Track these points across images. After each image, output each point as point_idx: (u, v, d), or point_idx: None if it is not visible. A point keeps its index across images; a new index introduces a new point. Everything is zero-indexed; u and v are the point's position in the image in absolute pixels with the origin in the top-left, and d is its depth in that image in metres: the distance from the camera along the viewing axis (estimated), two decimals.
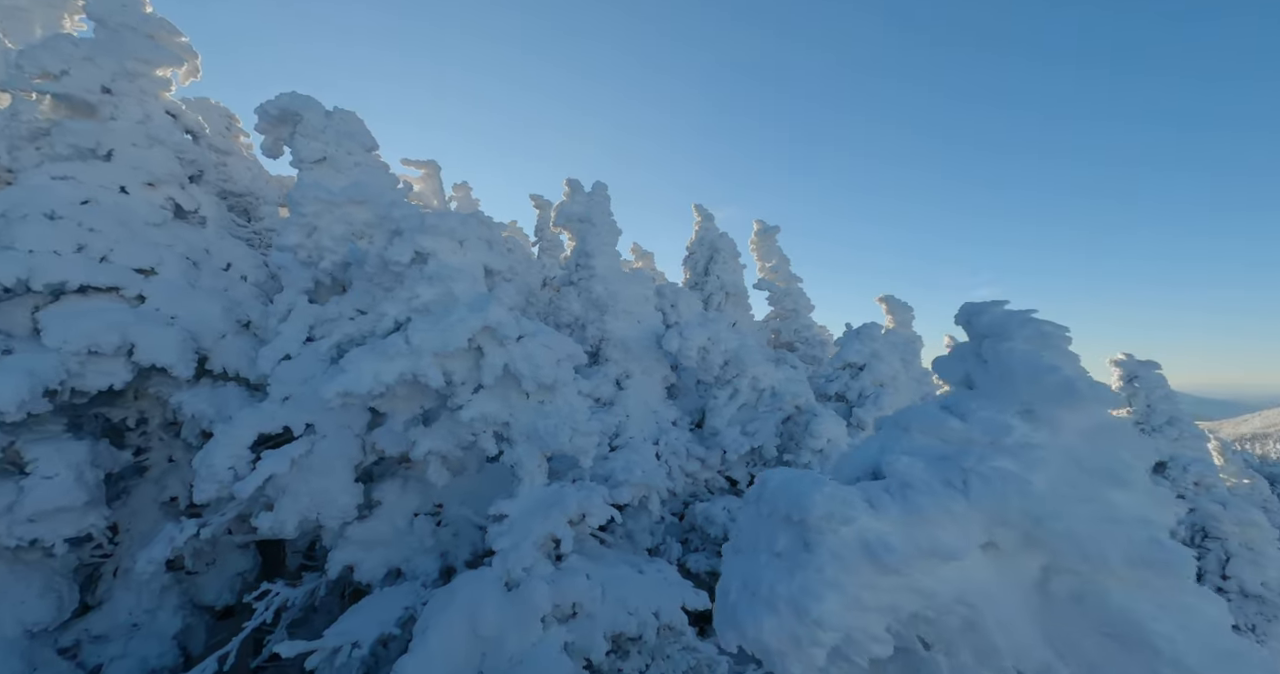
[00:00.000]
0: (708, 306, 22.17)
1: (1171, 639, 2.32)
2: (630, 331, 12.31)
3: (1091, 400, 2.77)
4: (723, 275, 22.47)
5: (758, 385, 12.35)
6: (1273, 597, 9.96)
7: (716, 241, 22.77)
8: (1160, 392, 22.55)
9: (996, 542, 2.77)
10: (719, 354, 12.13)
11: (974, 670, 2.62)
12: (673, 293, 13.77)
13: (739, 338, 12.59)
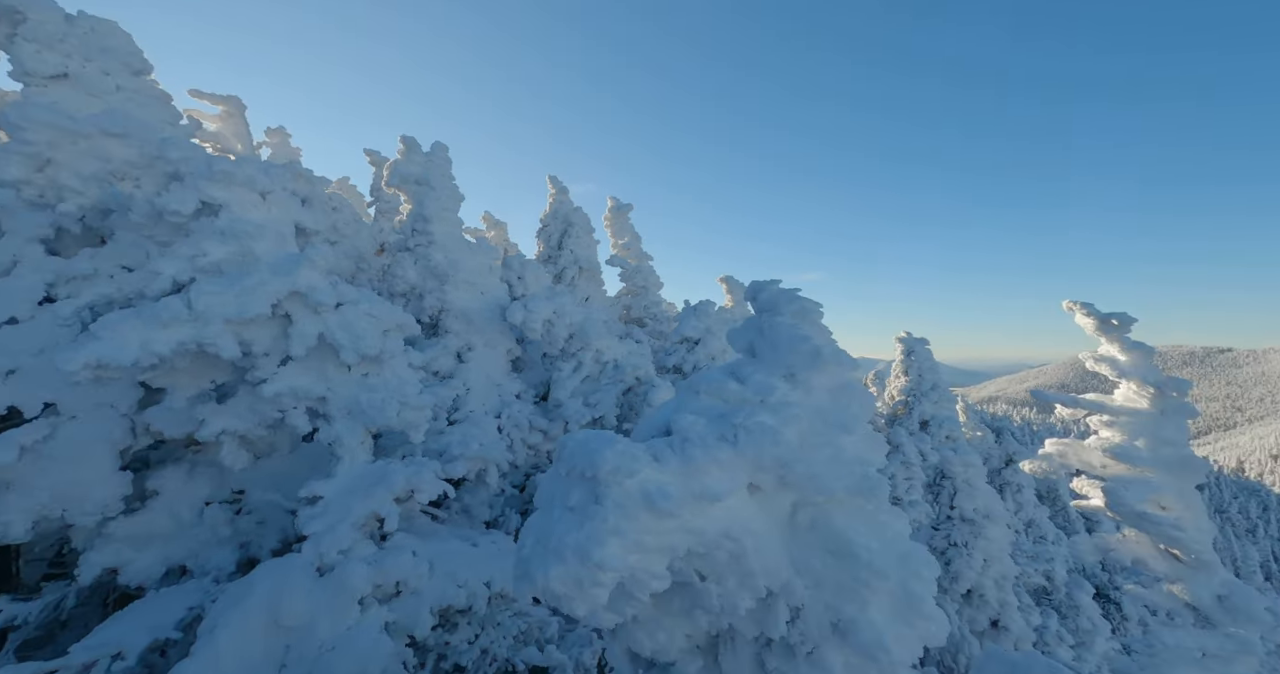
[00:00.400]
0: (561, 281, 22.13)
1: (869, 548, 2.99)
2: (473, 303, 11.87)
3: (834, 365, 3.39)
4: (577, 250, 22.52)
5: (601, 358, 12.75)
6: (980, 519, 13.16)
7: (571, 216, 22.68)
8: (928, 363, 27.62)
9: (759, 484, 3.29)
10: (564, 327, 12.26)
11: (736, 593, 3.12)
12: (519, 264, 13.51)
13: (584, 312, 12.82)
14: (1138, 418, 9.53)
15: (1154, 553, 9.31)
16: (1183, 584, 8.89)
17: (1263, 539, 62.66)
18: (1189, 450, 9.16)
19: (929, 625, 2.92)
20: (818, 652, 2.98)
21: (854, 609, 2.95)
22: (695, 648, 3.55)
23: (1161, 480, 9.16)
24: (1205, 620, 8.65)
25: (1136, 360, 9.49)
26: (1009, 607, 12.64)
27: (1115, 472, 9.65)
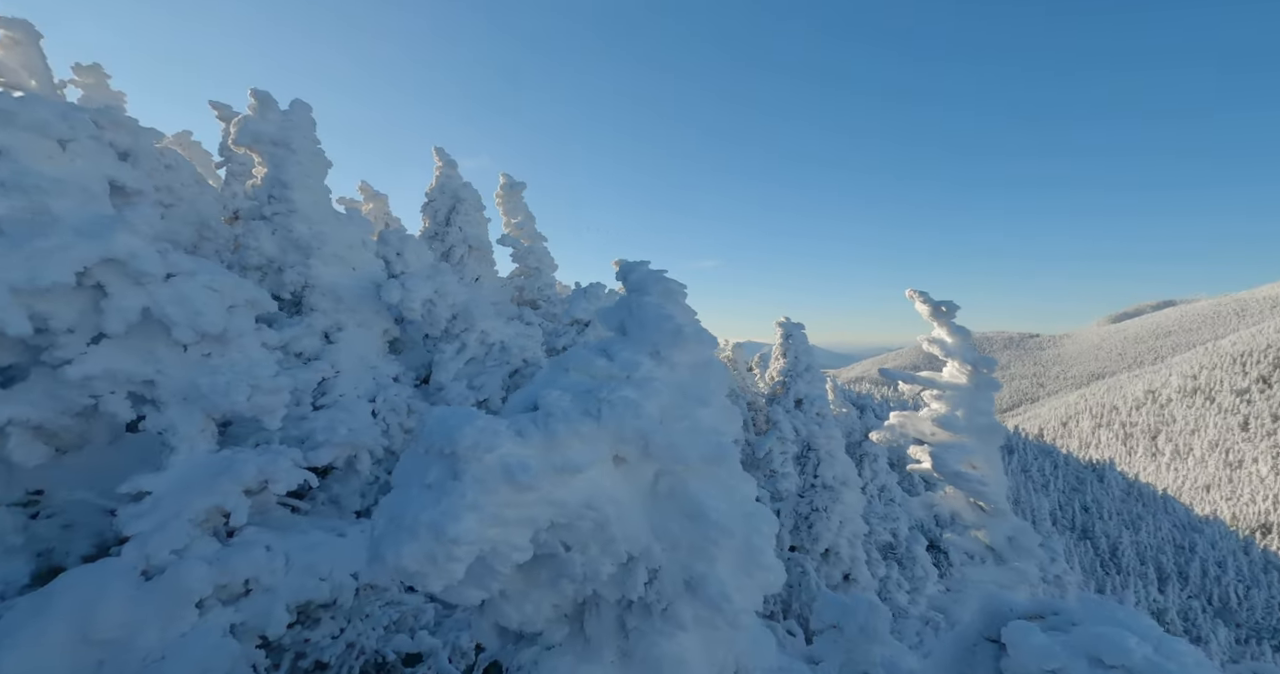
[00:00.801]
0: (449, 259, 21.03)
1: (719, 510, 3.27)
2: (343, 279, 10.93)
3: (695, 343, 3.62)
4: (466, 228, 21.48)
5: (487, 340, 12.40)
6: (838, 486, 14.81)
7: (460, 191, 21.54)
8: (803, 347, 30.09)
9: (624, 455, 3.45)
10: (446, 308, 11.73)
11: (599, 560, 3.27)
12: (398, 240, 12.64)
13: (469, 291, 12.35)
14: (959, 392, 11.16)
15: (966, 506, 11.04)
16: (985, 530, 10.65)
17: (1053, 491, 76.56)
18: (994, 418, 10.91)
19: (767, 575, 3.28)
20: (671, 608, 3.23)
21: (704, 566, 3.22)
22: (563, 616, 3.67)
23: (974, 444, 10.84)
24: (999, 558, 10.47)
25: (959, 342, 11.07)
26: (858, 562, 14.40)
27: (941, 438, 11.24)
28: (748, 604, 3.28)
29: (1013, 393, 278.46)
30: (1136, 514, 70.21)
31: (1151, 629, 3.05)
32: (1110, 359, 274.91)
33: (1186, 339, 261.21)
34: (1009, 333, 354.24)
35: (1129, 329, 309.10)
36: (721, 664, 3.41)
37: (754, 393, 30.52)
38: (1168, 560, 60.01)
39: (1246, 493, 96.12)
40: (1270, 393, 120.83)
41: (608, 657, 3.35)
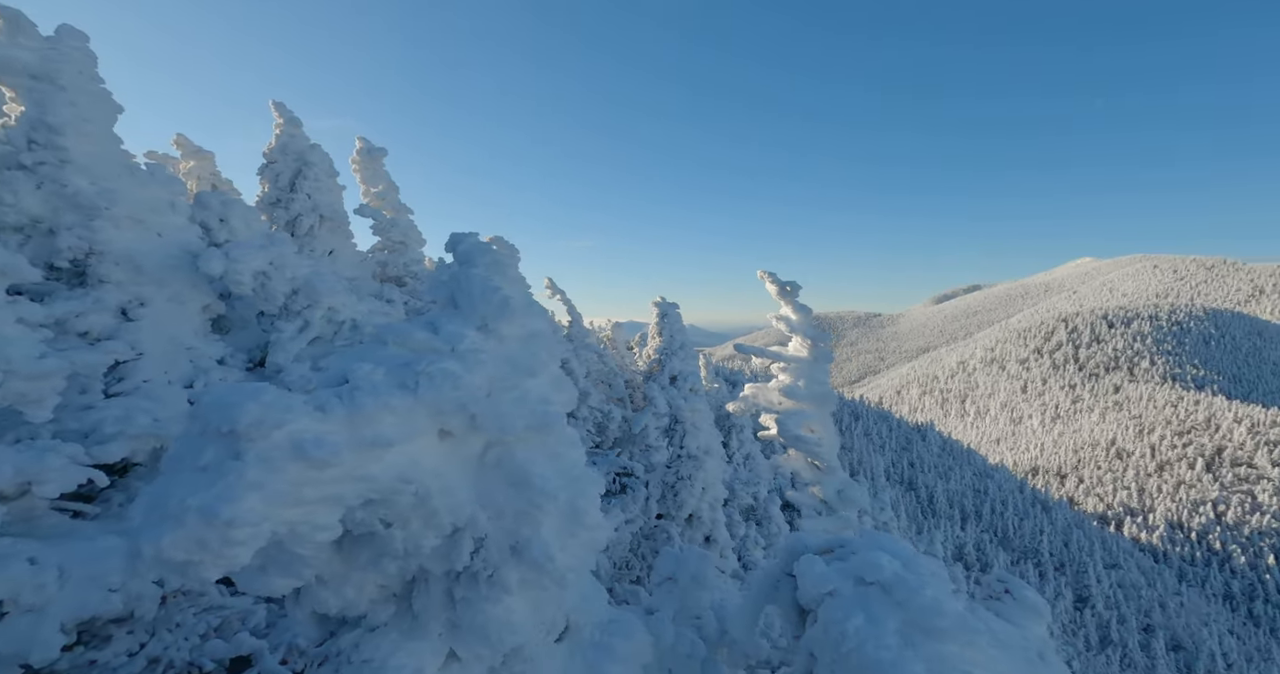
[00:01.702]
0: (296, 230, 18.76)
1: (543, 476, 3.36)
2: (143, 246, 9.27)
3: (524, 315, 3.63)
4: (315, 195, 19.26)
5: (335, 317, 11.33)
6: (701, 455, 15.90)
7: (306, 153, 19.19)
8: (677, 325, 31.35)
9: (450, 429, 3.39)
10: (284, 281, 10.50)
11: (422, 534, 3.21)
12: (220, 204, 10.99)
13: (313, 264, 11.17)
14: (801, 364, 12.41)
15: (805, 466, 12.39)
16: (820, 486, 12.07)
17: (888, 451, 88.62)
18: (829, 387, 12.31)
19: (592, 533, 3.45)
20: (498, 573, 3.28)
21: (529, 531, 3.31)
22: (391, 596, 3.56)
23: (812, 411, 12.15)
24: (831, 509, 11.96)
25: (801, 319, 12.27)
26: (718, 524, 15.63)
27: (786, 407, 12.45)
28: (573, 563, 3.43)
29: (859, 366, 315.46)
30: (948, 466, 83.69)
31: (904, 551, 3.69)
32: (933, 335, 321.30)
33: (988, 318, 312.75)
34: (858, 312, 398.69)
35: (947, 309, 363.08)
36: (551, 621, 3.55)
37: (632, 371, 31.38)
38: (969, 503, 72.58)
39: (1023, 443, 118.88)
40: (1041, 361, 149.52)
41: (435, 630, 3.33)
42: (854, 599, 3.23)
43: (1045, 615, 8.18)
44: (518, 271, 3.78)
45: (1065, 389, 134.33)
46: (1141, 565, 64.46)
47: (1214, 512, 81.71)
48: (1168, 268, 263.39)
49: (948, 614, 3.01)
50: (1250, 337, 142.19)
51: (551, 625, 3.54)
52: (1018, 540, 65.21)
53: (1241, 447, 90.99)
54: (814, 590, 3.34)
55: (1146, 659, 43.55)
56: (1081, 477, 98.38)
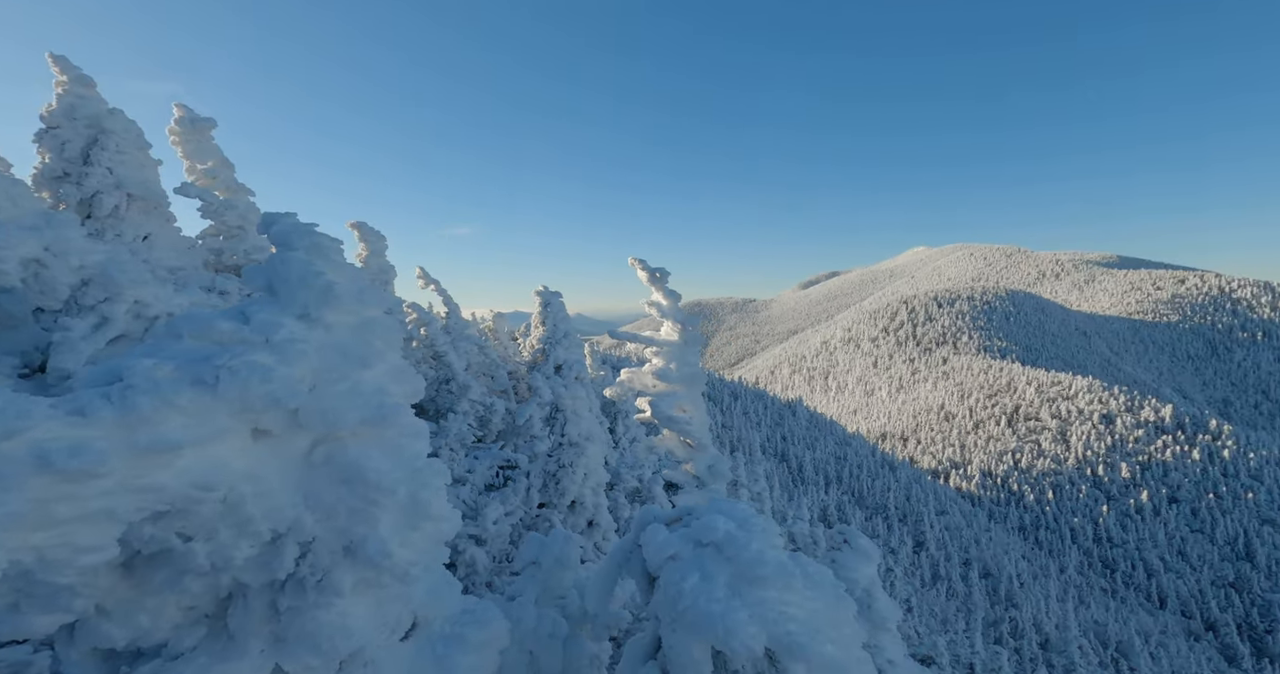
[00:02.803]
0: (95, 211, 15.67)
1: (379, 470, 3.20)
2: None
3: (354, 301, 3.40)
4: (119, 169, 16.19)
5: (145, 313, 9.72)
6: (583, 442, 16.07)
7: (103, 119, 16.03)
8: (561, 314, 31.06)
9: (267, 427, 3.10)
10: (69, 271, 8.78)
11: (233, 545, 2.91)
12: None
13: (109, 250, 9.45)
14: (672, 347, 12.94)
15: (678, 444, 13.02)
16: (692, 463, 12.76)
17: (763, 427, 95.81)
18: (698, 368, 13.00)
19: (438, 525, 3.36)
20: (328, 577, 3.08)
21: (365, 529, 3.14)
22: (202, 617, 3.20)
23: (683, 392, 12.75)
24: (702, 484, 12.71)
25: (671, 304, 12.79)
26: (601, 508, 15.94)
27: (659, 389, 12.94)
28: (417, 557, 3.32)
29: (738, 349, 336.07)
30: (815, 437, 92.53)
31: (741, 513, 4.04)
32: (801, 318, 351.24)
33: (846, 301, 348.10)
34: (735, 299, 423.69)
35: (812, 294, 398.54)
36: (395, 619, 3.41)
37: (516, 362, 30.67)
38: (831, 469, 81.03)
39: (875, 412, 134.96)
40: (888, 339, 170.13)
41: (256, 647, 3.05)
42: (692, 560, 3.49)
43: (875, 559, 9.35)
44: (342, 257, 3.51)
45: (906, 363, 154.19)
46: (962, 510, 76.54)
47: (1012, 459, 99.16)
48: (980, 255, 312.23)
49: (768, 563, 3.36)
50: (1036, 313, 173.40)
51: (397, 623, 3.41)
52: (870, 498, 74.18)
53: (1031, 404, 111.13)
54: (657, 557, 3.56)
55: (965, 588, 52.07)
56: (919, 438, 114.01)
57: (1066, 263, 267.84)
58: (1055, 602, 53.60)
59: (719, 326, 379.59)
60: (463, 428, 19.13)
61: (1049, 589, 57.69)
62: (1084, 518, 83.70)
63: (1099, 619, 53.01)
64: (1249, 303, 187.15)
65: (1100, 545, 79.28)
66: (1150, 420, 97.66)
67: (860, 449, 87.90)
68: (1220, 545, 75.52)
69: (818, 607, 3.50)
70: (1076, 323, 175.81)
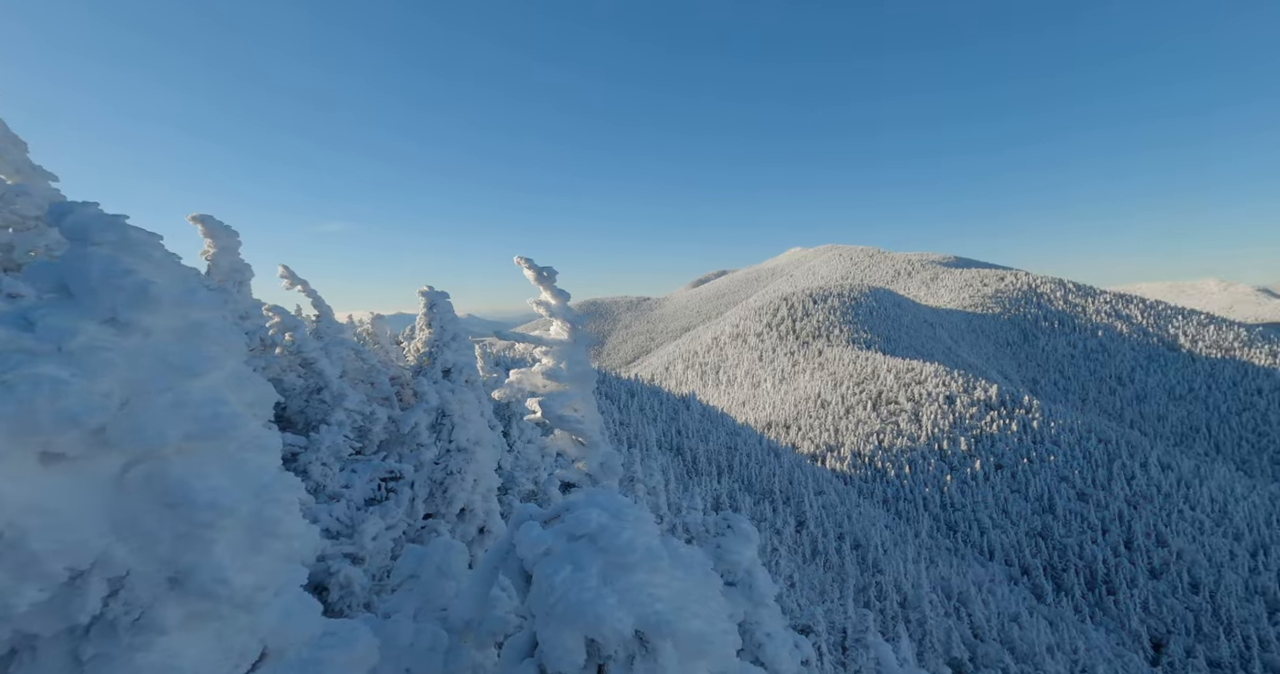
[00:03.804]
0: None
1: (214, 489, 2.89)
2: None
3: (175, 304, 3.04)
4: None
5: None
6: (472, 447, 15.53)
7: None
8: (449, 315, 29.64)
9: (61, 449, 2.68)
10: None
11: (15, 589, 2.49)
12: None
13: None
14: (562, 346, 12.92)
15: (571, 443, 13.04)
16: (585, 461, 12.85)
17: (659, 422, 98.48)
18: (589, 366, 13.10)
19: (288, 543, 3.11)
20: (148, 614, 2.73)
21: (195, 555, 2.83)
22: None
23: (574, 390, 12.79)
24: (594, 481, 12.84)
25: (560, 303, 12.76)
26: (493, 514, 15.50)
27: (550, 389, 12.86)
28: (264, 581, 3.05)
29: (634, 347, 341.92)
30: (707, 430, 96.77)
31: (616, 504, 4.17)
32: (693, 315, 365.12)
33: (734, 298, 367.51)
34: (630, 297, 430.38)
35: (703, 292, 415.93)
36: (240, 651, 3.11)
37: (400, 367, 28.78)
38: (723, 459, 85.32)
39: (761, 403, 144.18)
40: (771, 333, 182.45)
41: None
42: (565, 554, 3.56)
43: (755, 541, 10.01)
44: (162, 252, 3.12)
45: (788, 356, 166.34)
46: (837, 489, 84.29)
47: (877, 440, 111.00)
48: (848, 255, 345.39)
49: (638, 549, 3.52)
50: (894, 307, 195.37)
51: (242, 655, 3.11)
52: (759, 484, 79.16)
53: (891, 389, 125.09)
54: (531, 554, 3.58)
55: (839, 560, 57.48)
56: (800, 425, 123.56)
57: (916, 263, 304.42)
58: (911, 564, 60.91)
59: (615, 325, 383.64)
60: (338, 440, 17.61)
61: (907, 553, 65.41)
62: (933, 487, 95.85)
63: (945, 575, 61.12)
64: (1048, 297, 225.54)
65: (946, 510, 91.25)
66: (981, 399, 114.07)
67: (749, 439, 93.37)
68: (1031, 501, 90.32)
69: (686, 585, 3.73)
70: (925, 316, 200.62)
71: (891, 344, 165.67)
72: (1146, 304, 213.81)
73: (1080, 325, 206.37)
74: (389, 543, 13.04)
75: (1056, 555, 79.61)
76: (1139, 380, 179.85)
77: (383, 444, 21.14)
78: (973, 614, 52.22)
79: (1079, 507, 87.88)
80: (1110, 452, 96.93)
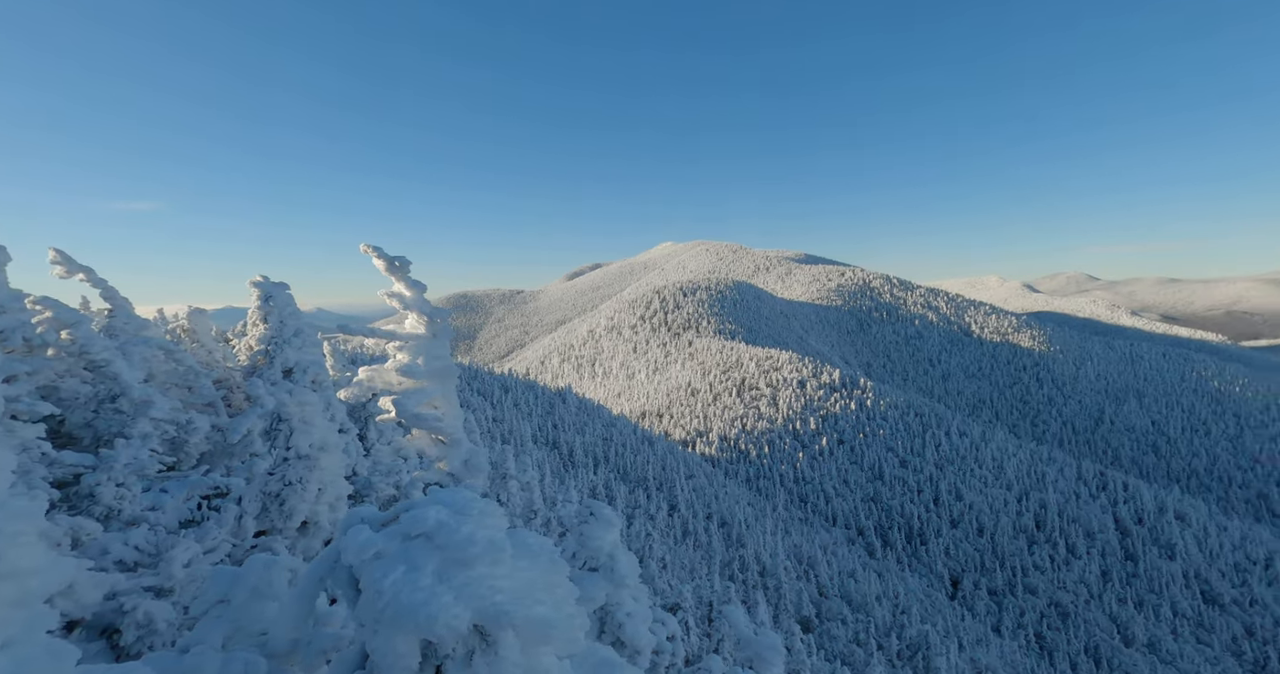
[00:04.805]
0: None
1: None
2: None
3: None
4: None
5: None
6: (315, 453, 14.02)
7: None
8: (289, 309, 26.36)
9: None
10: None
11: None
12: None
13: None
14: (419, 341, 12.16)
15: (431, 443, 12.36)
16: (446, 459, 12.26)
17: (535, 417, 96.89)
18: (450, 361, 12.48)
19: (20, 583, 2.58)
20: None
21: None
22: None
23: (434, 387, 12.11)
24: (458, 480, 12.31)
25: (416, 295, 11.99)
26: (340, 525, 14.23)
27: (406, 386, 12.05)
28: None
29: (508, 341, 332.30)
30: (583, 422, 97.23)
31: (460, 499, 4.04)
32: (569, 308, 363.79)
33: (609, 291, 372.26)
34: (503, 290, 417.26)
35: (578, 285, 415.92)
36: None
37: (227, 368, 25.02)
38: (599, 450, 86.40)
39: (636, 393, 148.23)
40: (645, 326, 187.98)
41: None
42: (398, 555, 3.38)
43: (617, 526, 10.30)
44: None
45: (660, 347, 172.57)
46: (706, 472, 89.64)
47: (741, 424, 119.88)
48: (714, 251, 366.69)
49: (478, 543, 3.45)
50: (755, 300, 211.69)
51: None
52: (634, 472, 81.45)
53: (753, 376, 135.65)
54: (359, 559, 3.35)
55: (707, 538, 61.32)
56: (672, 413, 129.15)
57: (773, 258, 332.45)
58: (769, 536, 66.93)
59: (488, 318, 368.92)
60: (141, 455, 14.89)
61: (765, 526, 71.71)
62: (788, 465, 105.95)
63: (797, 543, 68.10)
64: (878, 290, 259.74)
65: (799, 484, 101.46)
66: (827, 382, 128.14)
67: (624, 429, 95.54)
68: (866, 470, 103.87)
69: (531, 575, 3.74)
70: (780, 308, 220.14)
71: (753, 334, 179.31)
72: (950, 297, 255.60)
73: (902, 315, 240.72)
74: (208, 569, 11.31)
75: (884, 516, 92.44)
76: (944, 361, 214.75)
77: (205, 457, 18.27)
78: (819, 575, 58.84)
79: (901, 472, 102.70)
80: (924, 423, 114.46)
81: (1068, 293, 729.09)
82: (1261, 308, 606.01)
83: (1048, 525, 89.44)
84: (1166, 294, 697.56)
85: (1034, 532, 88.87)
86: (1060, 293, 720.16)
